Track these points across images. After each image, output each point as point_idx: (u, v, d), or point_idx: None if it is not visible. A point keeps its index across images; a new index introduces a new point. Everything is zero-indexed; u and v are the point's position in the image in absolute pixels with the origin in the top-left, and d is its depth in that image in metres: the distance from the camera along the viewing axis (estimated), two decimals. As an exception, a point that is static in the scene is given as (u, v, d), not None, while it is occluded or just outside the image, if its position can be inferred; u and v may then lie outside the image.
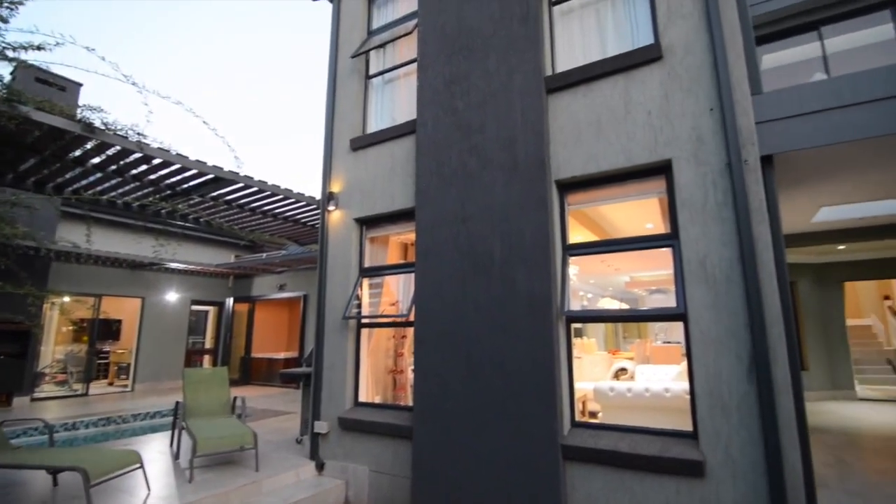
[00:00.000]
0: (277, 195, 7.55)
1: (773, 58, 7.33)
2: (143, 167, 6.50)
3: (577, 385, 3.80)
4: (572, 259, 3.95)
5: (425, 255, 4.23)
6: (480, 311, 3.83)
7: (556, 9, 4.41)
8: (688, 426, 3.26)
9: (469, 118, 4.23)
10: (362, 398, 4.82)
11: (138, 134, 5.67)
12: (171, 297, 12.55)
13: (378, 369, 5.30)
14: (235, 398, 5.50)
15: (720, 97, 3.27)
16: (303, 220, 9.15)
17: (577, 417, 3.74)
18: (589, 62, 3.97)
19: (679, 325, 3.36)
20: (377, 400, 5.10)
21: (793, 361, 3.04)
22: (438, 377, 3.95)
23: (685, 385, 3.65)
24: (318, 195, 5.48)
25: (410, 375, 4.86)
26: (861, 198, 5.14)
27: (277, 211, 8.53)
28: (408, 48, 5.33)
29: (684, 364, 3.30)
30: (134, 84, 5.18)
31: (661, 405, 4.54)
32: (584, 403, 5.79)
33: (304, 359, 6.83)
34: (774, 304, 2.97)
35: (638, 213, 4.81)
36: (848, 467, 4.48)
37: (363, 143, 5.11)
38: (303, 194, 7.82)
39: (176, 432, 5.10)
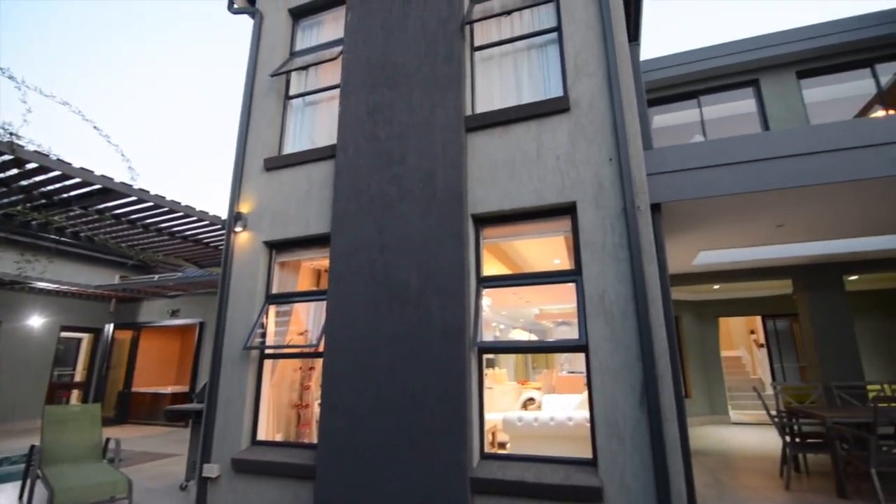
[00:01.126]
0: (177, 212, 6.96)
1: (663, 118, 8.36)
2: (13, 171, 5.66)
3: (487, 416, 3.84)
4: (486, 291, 4.07)
5: (339, 283, 4.10)
6: (394, 341, 3.77)
7: (477, 54, 4.66)
8: (589, 454, 3.42)
9: (391, 147, 4.27)
10: (261, 436, 4.45)
11: (11, 134, 4.95)
12: (35, 321, 10.84)
13: (281, 404, 4.96)
14: (108, 440, 4.80)
15: (618, 149, 3.62)
16: (205, 241, 8.49)
17: (487, 449, 3.76)
18: (506, 106, 4.22)
19: (582, 356, 3.56)
20: (278, 438, 4.74)
21: (677, 390, 3.35)
22: (347, 411, 3.78)
23: (587, 413, 3.84)
24: (224, 215, 5.13)
25: (317, 410, 4.60)
26: (731, 245, 5.93)
27: (176, 229, 7.84)
28: (332, 73, 5.30)
29: (586, 393, 3.49)
30: (11, 78, 4.55)
31: (566, 434, 4.72)
32: (493, 434, 5.86)
33: (196, 393, 6.19)
34: (662, 337, 3.27)
35: (547, 249, 5.10)
36: (724, 486, 4.95)
37: (278, 163, 4.92)
38: (206, 213, 7.29)
39: (29, 482, 4.31)
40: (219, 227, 7.62)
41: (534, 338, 11.19)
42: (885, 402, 4.09)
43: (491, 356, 10.57)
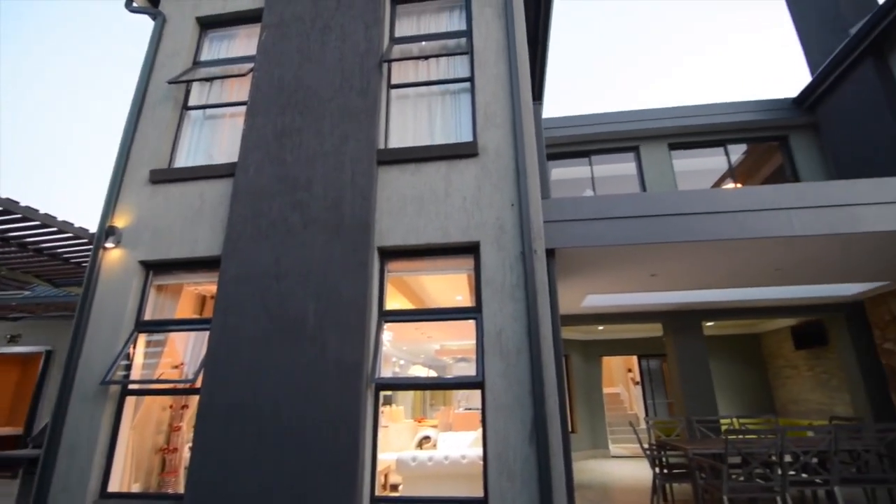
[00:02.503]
0: (31, 220, 5.97)
1: (560, 172, 9.15)
2: None
3: (381, 456, 3.69)
4: (388, 325, 3.99)
5: (226, 312, 3.76)
6: (284, 377, 3.51)
7: (393, 91, 4.76)
8: (481, 492, 3.42)
9: (296, 173, 4.12)
10: (114, 487, 3.81)
11: None
12: None
13: (143, 448, 4.32)
14: None
15: (520, 196, 3.86)
16: (64, 256, 7.34)
17: (378, 491, 3.59)
18: (418, 145, 4.33)
19: (479, 392, 3.61)
20: (136, 488, 4.09)
21: (565, 425, 3.52)
22: (222, 456, 3.40)
23: (480, 451, 3.86)
24: (93, 228, 4.51)
25: (187, 454, 4.08)
26: (614, 289, 6.53)
27: (29, 240, 6.70)
28: (239, 89, 5.05)
29: (481, 430, 3.52)
30: None
31: (459, 472, 4.69)
32: (386, 476, 5.63)
33: (32, 437, 5.18)
34: (552, 374, 3.44)
35: (450, 286, 5.20)
36: (601, 519, 5.23)
37: (167, 176, 4.49)
38: (70, 224, 6.34)
39: None
40: (85, 241, 6.65)
41: (433, 374, 11.16)
42: (734, 435, 4.68)
43: (388, 393, 10.32)
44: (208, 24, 5.41)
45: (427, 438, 7.29)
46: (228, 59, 5.18)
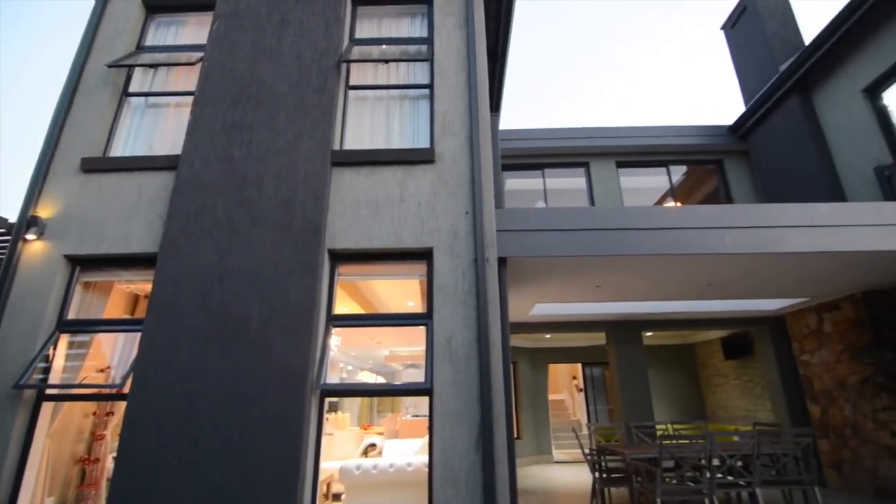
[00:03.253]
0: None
1: (514, 182, 9.35)
2: None
3: (324, 465, 3.59)
4: (336, 329, 3.90)
5: (161, 313, 3.54)
6: (223, 383, 3.34)
7: (351, 92, 4.70)
8: (425, 500, 3.40)
9: (246, 169, 3.96)
10: (24, 501, 3.47)
11: None
12: None
13: (61, 458, 3.97)
14: None
15: (474, 204, 3.91)
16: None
17: (320, 502, 3.48)
18: (375, 148, 4.29)
19: (427, 400, 3.59)
20: (49, 502, 3.75)
21: (510, 432, 3.57)
22: (152, 466, 3.18)
23: (426, 458, 3.84)
24: (12, 217, 4.13)
25: (111, 465, 3.78)
26: (562, 299, 6.73)
27: (-65, 229, 6.03)
28: (186, 78, 4.81)
29: (427, 437, 3.51)
30: None
31: (405, 480, 4.64)
32: (328, 485, 5.48)
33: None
34: (500, 381, 3.48)
35: (403, 291, 5.16)
36: (542, 524, 5.34)
37: (102, 165, 4.19)
38: (-12, 213, 5.77)
39: None
40: (1, 231, 6.08)
41: (381, 380, 11.01)
42: (668, 440, 4.93)
43: (334, 399, 10.07)
44: (155, 8, 5.13)
45: (373, 446, 7.17)
46: (176, 47, 4.93)
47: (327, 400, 3.71)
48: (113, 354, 4.13)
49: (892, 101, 6.24)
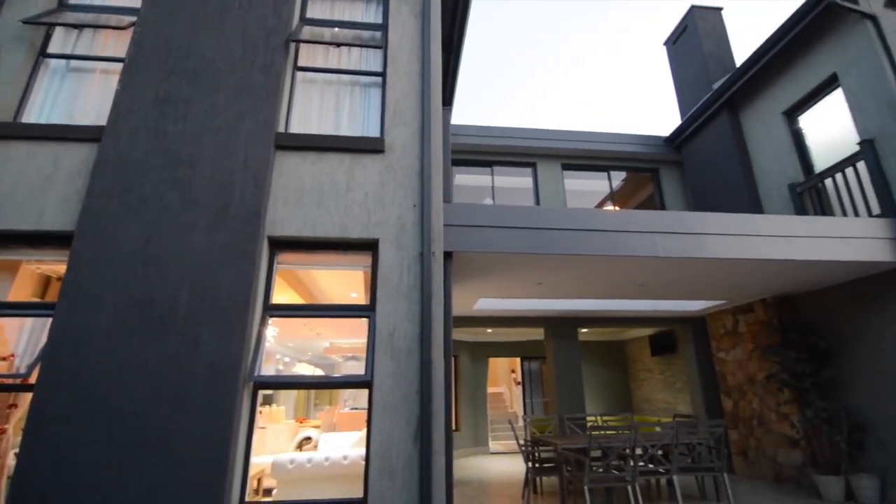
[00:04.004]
0: None
1: (463, 178, 9.41)
2: None
3: (255, 459, 3.46)
4: (273, 320, 3.76)
5: (76, 297, 3.25)
6: (145, 375, 3.12)
7: (300, 74, 4.52)
8: (359, 492, 3.37)
9: (180, 147, 3.71)
10: None
11: None
12: None
13: (-50, 456, 3.56)
14: None
15: (423, 197, 3.89)
16: None
17: (249, 497, 3.36)
18: (322, 133, 4.16)
19: (366, 392, 3.56)
20: (-65, 506, 3.36)
21: (448, 424, 3.61)
22: (60, 462, 2.93)
23: (363, 451, 3.81)
24: None
25: (13, 462, 3.44)
26: (504, 294, 6.88)
27: None
28: (115, 43, 4.42)
29: (365, 430, 3.47)
30: None
31: (340, 473, 4.57)
32: (259, 480, 5.30)
33: None
34: (441, 374, 3.51)
35: (346, 282, 5.06)
36: (476, 514, 5.47)
37: (11, 132, 3.77)
38: None
39: None
40: None
41: (320, 372, 10.76)
42: (597, 431, 5.20)
43: (269, 392, 9.74)
44: (81, -37, 4.66)
45: (308, 439, 7.00)
46: (104, 7, 4.52)
47: (261, 392, 3.57)
48: (18, 341, 3.75)
49: (806, 125, 6.88)
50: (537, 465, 6.06)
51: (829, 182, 6.34)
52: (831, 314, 6.21)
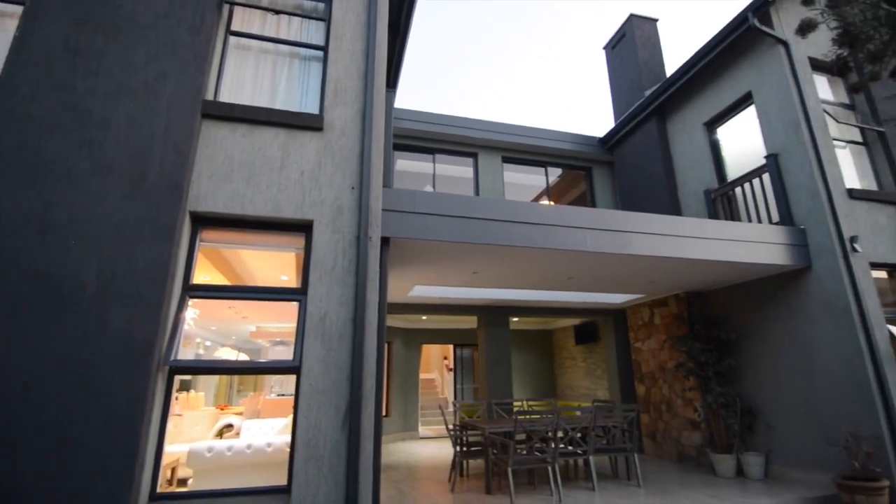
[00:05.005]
0: None
1: (404, 164, 9.31)
2: None
3: (170, 448, 3.25)
4: (194, 301, 3.53)
5: (-42, 268, 2.86)
6: (44, 357, 2.81)
7: (233, 38, 4.22)
8: (284, 480, 3.29)
9: (91, 105, 3.34)
10: None
11: None
12: None
13: None
14: None
15: (361, 180, 3.80)
16: None
17: (162, 488, 3.16)
18: (256, 105, 3.92)
19: (294, 378, 3.44)
20: None
21: (378, 410, 3.59)
22: (-70, 456, 2.58)
23: (288, 438, 3.70)
24: None
25: None
26: (440, 282, 6.92)
27: None
28: (12, -18, 3.86)
29: (292, 417, 3.37)
30: None
31: (264, 461, 4.42)
32: (174, 470, 4.99)
33: None
34: (372, 360, 3.48)
35: (276, 264, 4.84)
36: (404, 496, 5.51)
37: None
38: None
39: None
40: None
41: (245, 357, 10.28)
42: (522, 416, 5.42)
43: (188, 377, 9.18)
44: None
45: (230, 427, 6.69)
46: (-1, -62, 3.92)
47: (178, 378, 3.35)
48: None
49: (723, 137, 7.49)
50: (465, 448, 6.22)
51: (738, 190, 6.96)
52: (733, 310, 6.87)
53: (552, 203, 9.89)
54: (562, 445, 5.73)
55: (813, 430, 5.54)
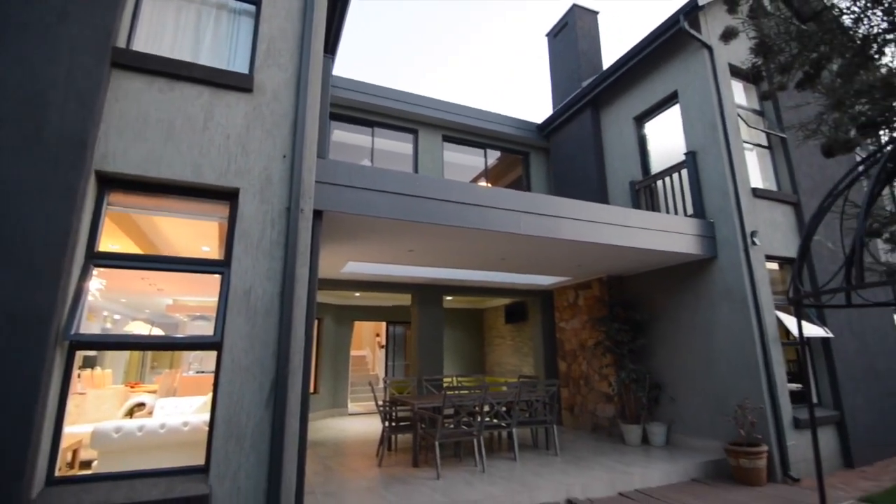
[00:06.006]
0: None
1: (341, 135, 8.98)
2: None
3: (72, 429, 2.99)
4: (100, 270, 3.22)
5: None
6: None
7: (151, -19, 3.79)
8: (202, 460, 3.15)
9: (-31, 41, 2.87)
10: None
11: None
12: None
13: None
14: None
15: (293, 149, 3.61)
16: None
17: (62, 472, 2.90)
18: (177, 59, 3.57)
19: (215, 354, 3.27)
20: None
21: (305, 387, 3.51)
22: None
23: (207, 416, 3.53)
24: None
25: None
26: (375, 259, 6.83)
27: None
28: None
29: (210, 395, 3.22)
30: None
31: (179, 441, 4.19)
32: (75, 452, 4.60)
33: None
34: (301, 336, 3.38)
35: (197, 233, 4.52)
36: (331, 472, 5.49)
37: None
38: None
39: None
40: None
41: (159, 332, 9.60)
42: (452, 391, 5.56)
43: (92, 353, 8.44)
44: None
45: (141, 405, 6.26)
46: None
47: (80, 354, 3.06)
48: None
49: (650, 132, 7.94)
50: (394, 424, 6.29)
51: (660, 183, 7.45)
52: (648, 294, 7.43)
53: (490, 185, 10.04)
54: (488, 419, 5.96)
55: (709, 403, 6.19)
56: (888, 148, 2.19)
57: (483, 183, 10.00)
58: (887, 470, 5.85)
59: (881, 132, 2.75)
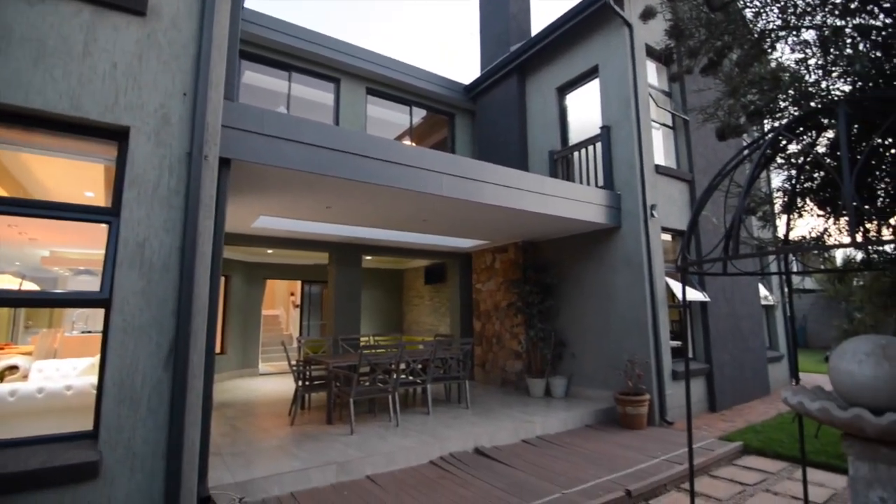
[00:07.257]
0: None
1: (254, 77, 8.22)
2: None
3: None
4: (-52, 213, 2.71)
5: None
6: None
7: None
8: (90, 425, 2.89)
9: None
10: None
11: None
12: None
13: None
14: None
15: (196, 87, 3.24)
16: None
17: None
18: (45, -39, 2.97)
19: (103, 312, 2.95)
20: None
21: (210, 347, 3.31)
22: None
23: (94, 379, 3.22)
24: None
25: None
26: (290, 215, 6.49)
27: None
28: None
29: (98, 357, 2.92)
30: None
31: (62, 406, 3.81)
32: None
33: None
34: (204, 294, 3.15)
35: (77, 175, 3.96)
36: (239, 432, 5.33)
37: None
38: None
39: None
40: None
41: (34, 287, 8.44)
42: (368, 350, 5.57)
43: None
44: None
45: (13, 368, 5.54)
46: None
47: (-76, 310, 2.60)
48: None
49: (571, 103, 8.21)
50: (307, 383, 6.22)
51: (576, 154, 7.80)
52: (558, 259, 7.90)
53: (414, 144, 9.86)
54: (403, 376, 6.10)
55: (604, 359, 6.84)
56: (769, 136, 2.46)
57: (407, 142, 9.79)
58: (741, 413, 6.95)
59: (765, 121, 3.07)
